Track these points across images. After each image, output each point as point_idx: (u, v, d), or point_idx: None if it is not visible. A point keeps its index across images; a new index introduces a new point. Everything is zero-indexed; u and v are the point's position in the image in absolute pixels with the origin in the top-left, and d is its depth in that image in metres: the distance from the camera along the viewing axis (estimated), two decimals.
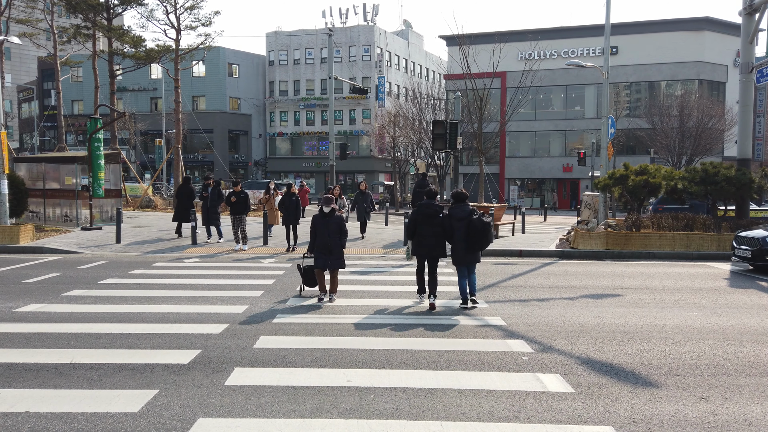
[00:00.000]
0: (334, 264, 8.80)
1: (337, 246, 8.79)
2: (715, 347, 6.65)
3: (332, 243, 8.73)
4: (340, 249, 8.86)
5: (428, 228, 8.43)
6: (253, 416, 4.60)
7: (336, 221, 8.81)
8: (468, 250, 8.35)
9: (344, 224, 8.98)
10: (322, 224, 8.77)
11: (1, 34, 19.52)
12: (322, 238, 8.74)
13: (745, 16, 16.28)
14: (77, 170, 19.02)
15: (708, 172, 16.06)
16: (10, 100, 67.42)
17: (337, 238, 8.80)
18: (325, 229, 8.73)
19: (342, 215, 9.19)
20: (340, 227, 8.82)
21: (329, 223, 8.75)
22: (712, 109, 38.04)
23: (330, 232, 8.73)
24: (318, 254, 8.79)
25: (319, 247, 8.78)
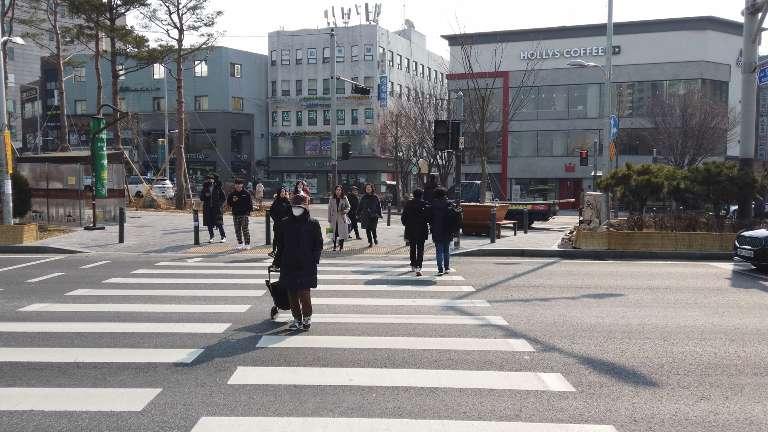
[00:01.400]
0: (304, 282, 7.13)
1: (308, 260, 7.15)
2: (717, 347, 6.65)
3: (302, 256, 7.10)
4: (311, 264, 7.20)
5: (414, 218, 11.57)
6: (256, 415, 4.62)
7: (308, 228, 7.19)
8: (444, 232, 11.54)
9: (319, 232, 7.32)
10: (291, 232, 7.16)
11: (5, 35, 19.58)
12: (290, 250, 7.12)
13: (747, 16, 16.26)
14: (80, 170, 19.08)
15: (710, 171, 16.04)
16: (13, 100, 67.59)
17: (309, 249, 7.18)
18: (295, 238, 7.13)
19: (316, 221, 7.34)
20: (313, 236, 7.22)
21: (300, 230, 7.14)
22: (714, 109, 37.96)
23: (300, 242, 7.12)
24: (285, 270, 7.17)
25: (286, 261, 7.16)
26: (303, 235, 7.16)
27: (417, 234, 11.54)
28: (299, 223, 7.21)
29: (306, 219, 7.25)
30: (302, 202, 7.21)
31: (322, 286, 10.05)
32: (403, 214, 11.72)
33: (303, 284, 7.15)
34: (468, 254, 14.72)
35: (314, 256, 7.28)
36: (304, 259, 7.14)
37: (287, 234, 7.20)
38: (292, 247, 7.14)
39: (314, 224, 7.29)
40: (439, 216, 11.46)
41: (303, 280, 7.14)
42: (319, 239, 7.31)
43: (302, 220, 7.23)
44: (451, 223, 11.49)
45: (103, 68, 33.45)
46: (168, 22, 29.73)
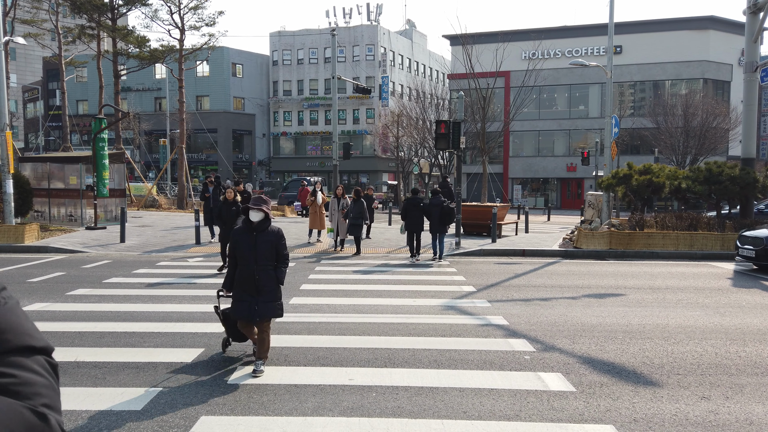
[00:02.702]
0: (264, 310, 5.53)
1: (269, 281, 5.58)
2: (718, 347, 6.64)
3: (261, 275, 5.52)
4: (274, 286, 5.63)
5: (413, 213, 13.22)
6: (256, 414, 4.62)
7: (269, 239, 5.59)
8: (440, 224, 13.25)
9: (283, 244, 5.73)
10: (246, 243, 5.58)
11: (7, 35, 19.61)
12: (245, 267, 5.56)
13: (749, 15, 16.24)
14: (82, 170, 19.10)
15: (712, 171, 16.03)
16: (15, 100, 67.70)
17: (270, 266, 5.59)
18: (251, 252, 5.53)
19: (279, 229, 5.78)
20: (275, 248, 5.62)
21: (258, 241, 5.55)
22: (716, 109, 37.90)
23: (259, 257, 5.53)
24: (239, 294, 5.60)
25: (240, 283, 5.59)
26: (262, 247, 5.54)
27: (416, 226, 13.28)
28: (257, 231, 5.56)
29: (266, 227, 5.61)
30: (263, 204, 5.59)
31: (323, 286, 10.08)
32: (404, 209, 13.47)
33: (262, 313, 5.51)
34: (469, 254, 14.71)
35: (277, 275, 5.64)
36: (263, 279, 5.52)
37: (241, 246, 5.57)
38: (248, 264, 5.52)
39: (276, 233, 5.67)
40: (435, 211, 13.21)
41: (262, 308, 5.51)
42: (283, 252, 5.70)
43: (261, 228, 5.57)
44: (446, 217, 13.31)
45: (105, 68, 33.49)
46: (169, 22, 29.76)
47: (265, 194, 38.63)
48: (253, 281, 5.54)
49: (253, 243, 5.57)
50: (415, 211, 13.28)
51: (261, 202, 5.66)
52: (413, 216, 13.28)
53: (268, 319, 5.64)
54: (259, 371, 5.49)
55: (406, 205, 13.49)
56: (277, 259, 5.70)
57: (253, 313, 5.53)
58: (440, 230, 13.36)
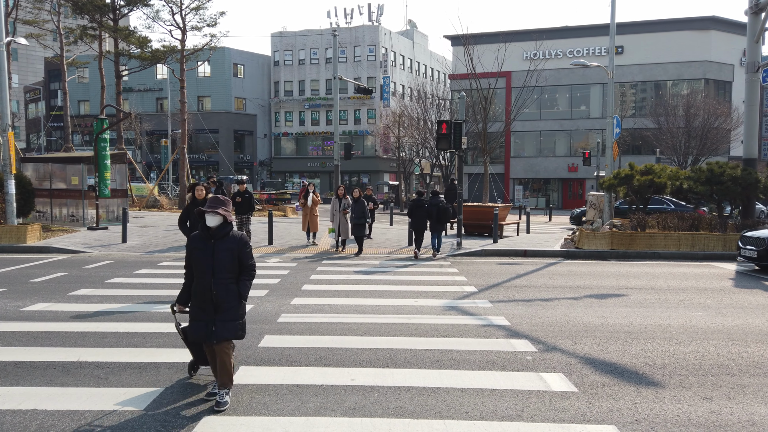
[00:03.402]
0: (222, 330, 4.83)
1: (228, 296, 4.84)
2: (720, 347, 6.64)
3: (219, 289, 4.80)
4: (235, 302, 4.88)
5: (418, 213, 14.25)
6: (258, 414, 4.63)
7: (229, 247, 4.85)
8: (438, 222, 14.23)
9: (247, 251, 4.95)
10: (203, 252, 4.84)
11: (9, 35, 19.65)
12: (202, 280, 4.83)
13: (751, 15, 16.22)
14: (83, 170, 19.12)
15: (714, 171, 16.01)
16: (17, 101, 67.79)
17: (230, 279, 4.86)
18: (208, 263, 4.81)
19: (243, 235, 5.00)
20: (237, 258, 4.88)
21: (217, 250, 4.83)
22: (718, 109, 37.87)
23: (217, 268, 4.81)
24: (195, 311, 4.93)
25: (196, 297, 4.89)
26: (221, 257, 4.80)
27: (420, 224, 14.37)
28: (215, 239, 4.85)
29: (226, 232, 4.88)
30: (220, 206, 4.86)
31: (325, 286, 10.08)
32: (409, 209, 14.71)
33: (221, 334, 4.81)
34: (470, 254, 14.71)
35: (240, 289, 4.89)
36: (222, 294, 4.80)
37: (196, 256, 4.85)
38: (204, 277, 4.80)
39: (239, 240, 4.91)
40: (434, 210, 14.23)
41: (220, 328, 4.82)
42: (248, 263, 4.93)
43: (220, 235, 4.85)
44: (443, 215, 14.27)
45: (107, 69, 33.54)
46: (171, 23, 29.78)
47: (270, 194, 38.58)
48: (209, 297, 4.79)
49: (210, 252, 4.82)
50: (420, 211, 14.33)
51: (218, 203, 4.87)
52: (418, 215, 14.33)
53: (227, 340, 4.90)
54: (223, 403, 4.73)
55: (412, 206, 14.53)
56: (240, 270, 4.93)
57: (210, 335, 4.82)
58: (438, 228, 14.43)
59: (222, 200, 4.95)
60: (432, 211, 14.19)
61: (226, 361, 4.88)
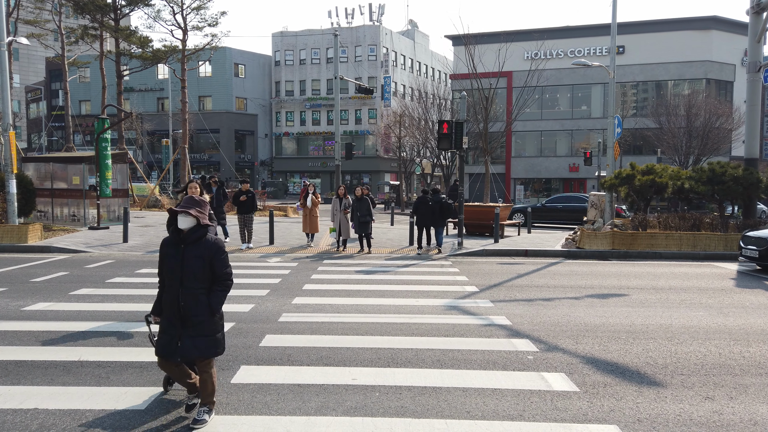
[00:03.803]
0: (189, 347, 4.35)
1: (198, 308, 4.35)
2: (721, 347, 6.63)
3: (187, 300, 4.33)
4: (205, 315, 4.38)
5: (423, 209, 14.90)
6: (259, 414, 4.63)
7: (200, 253, 4.37)
8: (440, 218, 15.01)
9: (222, 258, 4.44)
10: (173, 258, 4.40)
11: (10, 35, 19.66)
12: (170, 289, 4.40)
13: (752, 15, 16.20)
14: (85, 170, 19.13)
15: (715, 171, 15.99)
16: (18, 101, 67.84)
17: (200, 289, 4.36)
18: (176, 270, 4.35)
19: (217, 240, 4.53)
20: (209, 265, 4.39)
21: (186, 256, 4.36)
22: (719, 109, 37.83)
23: (185, 276, 4.34)
24: (163, 322, 4.49)
25: (165, 308, 4.46)
26: (190, 263, 4.33)
27: (425, 221, 15.04)
28: (185, 243, 4.37)
29: (198, 237, 4.39)
30: (194, 206, 4.41)
31: (326, 286, 10.08)
32: (415, 206, 15.26)
33: (187, 351, 4.33)
34: (472, 254, 14.71)
35: (210, 302, 4.38)
36: (190, 306, 4.32)
37: (166, 262, 4.43)
38: (173, 285, 4.36)
39: (212, 246, 4.42)
40: (436, 207, 14.92)
41: (187, 344, 4.32)
42: (222, 271, 4.42)
43: (191, 239, 4.37)
44: (444, 212, 15.02)
45: (108, 68, 33.56)
46: (172, 23, 29.84)
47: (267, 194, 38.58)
48: (177, 308, 4.32)
49: (179, 259, 4.32)
50: (424, 208, 14.97)
51: (192, 203, 4.41)
52: (423, 212, 14.98)
53: (206, 358, 4.41)
54: (201, 420, 4.34)
55: (417, 203, 15.17)
56: (213, 279, 4.41)
57: (174, 351, 4.31)
58: (440, 224, 15.17)
59: (197, 200, 4.46)
60: (435, 207, 14.89)
61: (207, 379, 4.42)
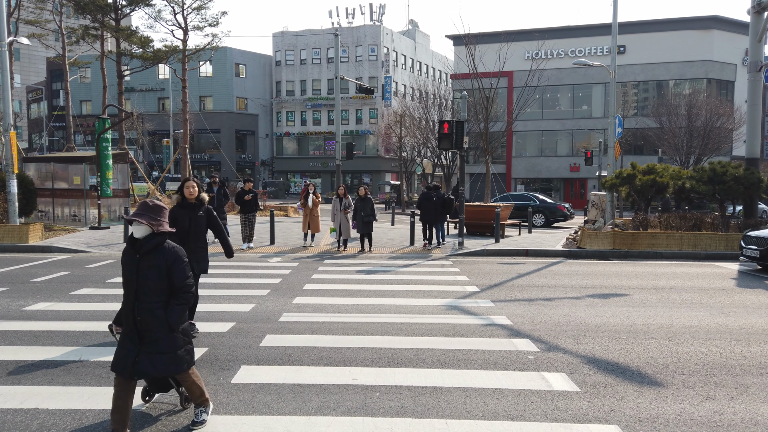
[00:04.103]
0: (146, 366, 4.02)
1: (155, 323, 4.01)
2: (722, 347, 6.62)
3: (143, 315, 4.00)
4: (163, 331, 4.05)
5: (427, 205, 15.48)
6: (260, 414, 4.63)
7: (157, 263, 4.02)
8: (442, 213, 15.69)
9: (181, 268, 4.07)
10: (129, 269, 4.06)
11: (11, 35, 19.68)
12: (126, 301, 4.08)
13: (753, 15, 16.19)
14: (86, 170, 19.14)
15: (716, 171, 15.98)
16: (19, 101, 67.89)
17: (156, 303, 4.02)
18: (131, 279, 4.03)
19: (176, 249, 4.11)
20: (167, 275, 4.03)
21: (142, 266, 4.01)
22: (720, 108, 37.81)
23: (141, 288, 4.01)
24: (122, 336, 4.13)
25: (124, 321, 4.12)
26: (145, 275, 3.99)
27: (429, 216, 15.55)
28: (140, 252, 4.03)
29: (154, 245, 4.03)
30: (146, 213, 4.04)
31: (326, 286, 10.08)
32: (419, 201, 15.93)
33: (143, 369, 4.01)
34: (472, 254, 14.70)
35: (168, 317, 4.03)
36: (147, 321, 4.00)
37: (123, 273, 4.11)
38: (128, 298, 4.06)
39: (170, 254, 4.06)
40: (438, 203, 15.52)
41: (144, 362, 4.00)
42: (182, 282, 4.06)
43: (146, 248, 4.02)
44: (446, 207, 15.65)
45: (108, 69, 33.57)
46: (173, 23, 29.85)
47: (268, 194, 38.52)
48: (133, 323, 4.01)
49: (135, 268, 4.00)
50: (428, 204, 15.49)
51: (145, 210, 4.04)
52: (427, 208, 15.51)
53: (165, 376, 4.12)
54: (200, 422, 4.30)
55: (421, 199, 15.80)
56: (172, 291, 4.06)
57: (127, 368, 3.98)
58: (441, 219, 15.84)
59: (151, 206, 4.06)
60: (437, 203, 15.52)
61: (191, 387, 4.28)
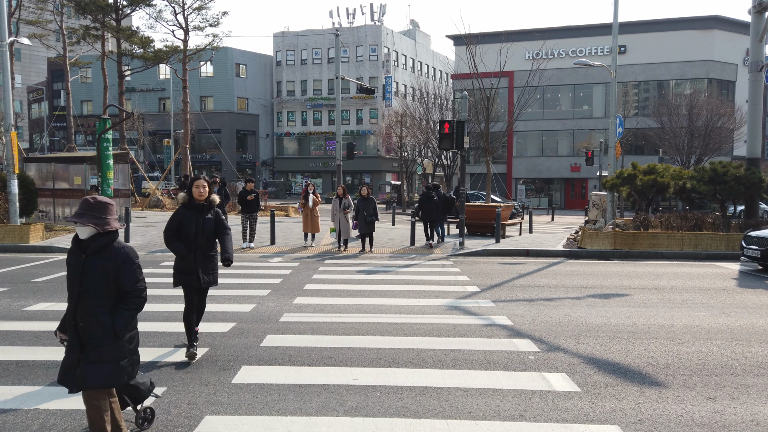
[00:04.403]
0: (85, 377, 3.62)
1: (98, 330, 3.64)
2: (723, 347, 6.61)
3: (85, 320, 3.64)
4: (106, 338, 3.66)
5: (428, 204, 15.83)
6: (260, 414, 4.62)
7: (104, 264, 3.64)
8: (444, 212, 16.20)
9: (132, 270, 3.72)
10: (73, 270, 3.71)
11: (12, 35, 19.69)
12: (69, 305, 3.75)
13: (754, 15, 16.17)
14: (86, 170, 19.15)
15: (717, 171, 15.95)
16: (20, 101, 67.92)
17: (100, 308, 3.64)
18: (74, 281, 3.68)
19: (128, 250, 3.75)
20: (117, 279, 3.67)
21: (86, 269, 3.64)
22: (721, 108, 37.77)
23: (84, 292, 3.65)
24: (67, 345, 3.79)
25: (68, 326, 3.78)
26: (90, 277, 3.64)
27: (430, 215, 15.84)
28: (86, 253, 3.66)
29: (101, 245, 3.66)
30: (87, 214, 3.63)
31: (327, 286, 10.07)
32: (420, 201, 16.27)
33: (83, 379, 3.62)
34: (473, 254, 14.70)
35: (113, 323, 3.66)
36: (90, 327, 3.64)
37: (67, 274, 3.76)
38: (71, 302, 3.72)
39: (119, 254, 3.69)
40: (439, 203, 15.94)
41: (84, 372, 3.62)
42: (130, 287, 3.70)
43: (92, 248, 3.65)
44: (447, 206, 16.20)
45: (109, 69, 33.58)
46: (173, 23, 29.86)
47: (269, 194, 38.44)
48: (75, 329, 3.67)
49: (79, 270, 3.64)
50: (429, 203, 15.81)
51: (87, 208, 3.62)
52: (428, 207, 15.81)
53: (96, 389, 3.66)
54: None
55: (422, 198, 16.12)
56: (119, 297, 3.70)
57: (69, 379, 3.65)
58: (442, 218, 16.27)
59: (93, 203, 3.64)
60: (438, 202, 15.90)
61: (95, 418, 3.62)
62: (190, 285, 5.88)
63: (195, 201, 5.90)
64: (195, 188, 5.89)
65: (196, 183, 5.94)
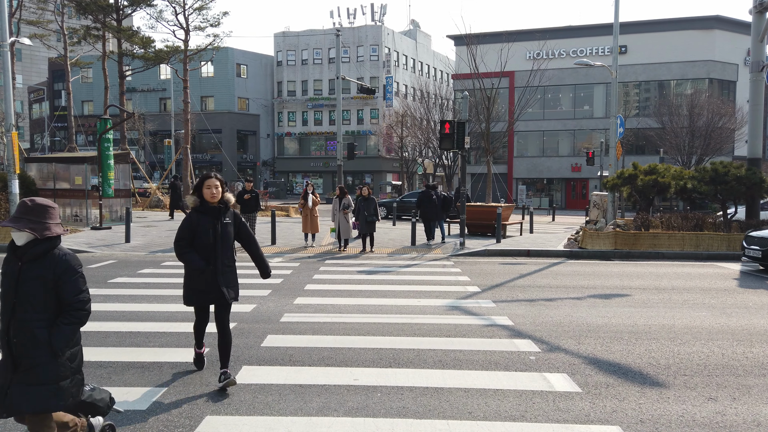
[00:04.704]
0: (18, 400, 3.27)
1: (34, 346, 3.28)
2: (724, 347, 6.60)
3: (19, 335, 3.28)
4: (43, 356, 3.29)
5: (427, 203, 15.99)
6: (261, 414, 4.62)
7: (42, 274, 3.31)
8: (442, 211, 16.26)
9: (73, 280, 3.34)
10: (8, 279, 3.36)
11: (12, 36, 19.71)
12: (2, 319, 3.37)
13: (755, 15, 16.16)
14: (87, 170, 19.17)
15: (718, 171, 15.94)
16: (21, 101, 67.97)
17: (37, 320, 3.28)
18: (9, 292, 3.33)
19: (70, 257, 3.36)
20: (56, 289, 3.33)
21: (23, 278, 3.31)
22: (722, 109, 37.74)
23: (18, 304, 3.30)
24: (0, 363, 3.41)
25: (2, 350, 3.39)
26: (27, 287, 3.30)
27: (429, 214, 16.03)
28: (23, 261, 3.34)
29: (39, 253, 3.32)
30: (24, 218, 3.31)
31: (327, 286, 10.07)
32: (419, 200, 16.37)
33: (15, 403, 3.27)
34: (473, 254, 14.69)
35: (51, 338, 3.29)
36: (24, 343, 3.29)
37: (2, 284, 3.40)
38: (5, 314, 3.36)
39: (59, 263, 3.35)
40: (438, 202, 16.11)
41: (17, 394, 3.27)
42: (72, 298, 3.33)
43: (29, 256, 3.32)
44: (447, 204, 16.31)
45: (110, 69, 33.60)
46: (174, 23, 29.86)
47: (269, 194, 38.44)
48: (7, 346, 3.31)
49: (15, 279, 3.30)
50: (428, 202, 16.00)
51: (25, 212, 3.31)
52: (427, 206, 16.00)
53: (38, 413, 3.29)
54: None
55: (422, 197, 16.20)
56: (63, 308, 3.33)
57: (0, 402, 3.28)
58: (441, 217, 16.40)
59: (31, 206, 3.32)
60: (437, 201, 16.09)
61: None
62: (209, 304, 5.06)
63: (207, 203, 5.07)
64: (206, 189, 5.04)
65: (207, 182, 5.06)
